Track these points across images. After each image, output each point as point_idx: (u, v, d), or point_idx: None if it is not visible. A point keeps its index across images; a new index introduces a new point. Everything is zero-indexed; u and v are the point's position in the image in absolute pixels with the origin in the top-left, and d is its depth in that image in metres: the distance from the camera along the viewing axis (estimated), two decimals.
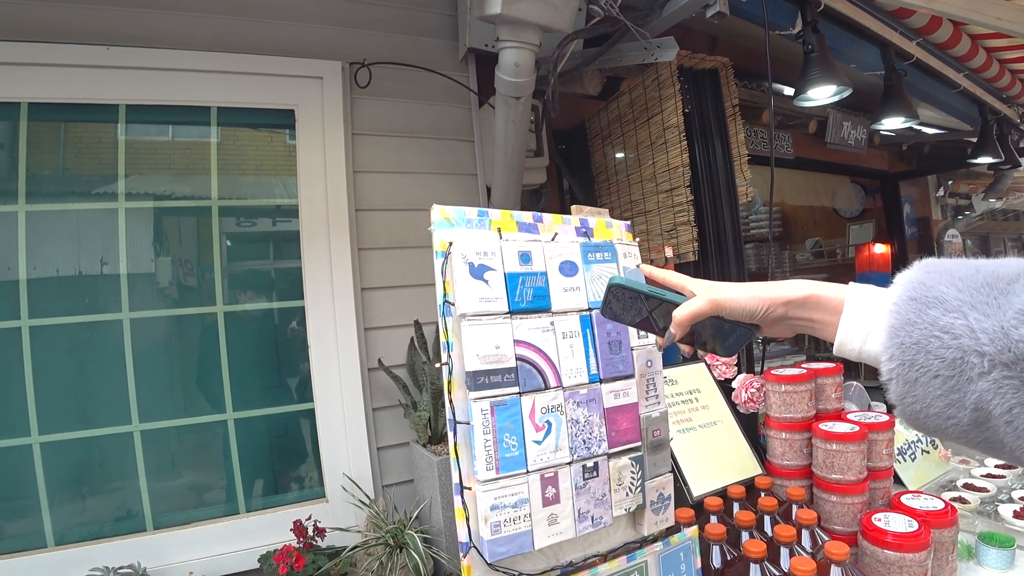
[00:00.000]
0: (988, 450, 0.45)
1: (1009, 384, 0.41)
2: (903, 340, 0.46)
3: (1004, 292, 0.43)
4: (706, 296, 0.63)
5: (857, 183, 4.40)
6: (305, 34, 1.62)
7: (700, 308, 0.63)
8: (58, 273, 1.36)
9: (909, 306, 0.46)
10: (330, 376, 1.56)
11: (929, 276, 0.47)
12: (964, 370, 0.43)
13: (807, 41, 1.71)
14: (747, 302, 0.61)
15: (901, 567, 1.02)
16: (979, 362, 0.42)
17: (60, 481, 1.32)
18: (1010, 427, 0.41)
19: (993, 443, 0.44)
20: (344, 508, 1.50)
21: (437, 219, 0.76)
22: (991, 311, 0.42)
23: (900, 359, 0.46)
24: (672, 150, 1.86)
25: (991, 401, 0.42)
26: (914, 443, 1.70)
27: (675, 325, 0.65)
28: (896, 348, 0.47)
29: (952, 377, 0.44)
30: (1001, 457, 0.45)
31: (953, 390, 0.44)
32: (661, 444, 0.87)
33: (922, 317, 0.45)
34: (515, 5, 1.21)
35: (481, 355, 0.72)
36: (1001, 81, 2.64)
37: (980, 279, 0.44)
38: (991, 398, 0.42)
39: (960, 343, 0.43)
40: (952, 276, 0.46)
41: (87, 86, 1.37)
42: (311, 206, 1.58)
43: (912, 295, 0.47)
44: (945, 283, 0.46)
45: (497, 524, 0.70)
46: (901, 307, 0.47)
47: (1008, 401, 0.41)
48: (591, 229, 0.89)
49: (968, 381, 0.43)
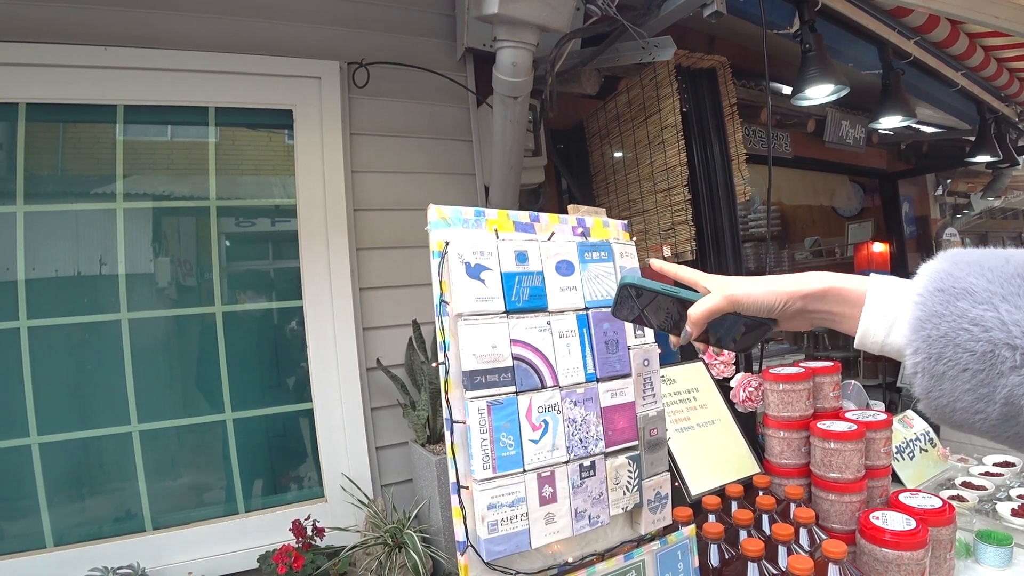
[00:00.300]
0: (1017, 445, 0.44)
1: None
2: (930, 333, 0.45)
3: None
4: (721, 292, 0.61)
5: (856, 182, 4.41)
6: (303, 34, 1.62)
7: (716, 305, 0.61)
8: (57, 273, 1.36)
9: (936, 297, 0.45)
10: (329, 376, 1.56)
11: (956, 267, 0.46)
12: (995, 364, 0.41)
13: (805, 40, 1.71)
14: (764, 296, 0.59)
15: (899, 565, 1.02)
16: (1011, 356, 0.41)
17: (59, 481, 1.32)
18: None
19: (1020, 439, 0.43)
20: (343, 508, 1.50)
21: (433, 219, 0.76)
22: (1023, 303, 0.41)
23: (927, 352, 0.45)
24: (670, 149, 1.86)
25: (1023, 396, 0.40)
26: (912, 441, 1.70)
27: (691, 323, 0.63)
28: (922, 341, 0.45)
29: (982, 371, 0.42)
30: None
31: (982, 384, 0.42)
32: (658, 443, 0.88)
33: (950, 309, 0.44)
34: (512, 5, 1.22)
35: (478, 354, 0.72)
36: (999, 80, 2.64)
37: (1011, 269, 0.43)
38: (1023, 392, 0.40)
39: (991, 336, 0.41)
40: (981, 267, 0.44)
41: (85, 87, 1.37)
42: (309, 206, 1.59)
43: (939, 286, 0.45)
44: (974, 274, 0.44)
45: (494, 523, 0.70)
46: (927, 298, 0.45)
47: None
48: (588, 228, 0.89)
49: (999, 375, 0.41)
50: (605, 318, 0.84)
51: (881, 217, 4.32)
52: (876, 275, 0.55)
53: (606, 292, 0.86)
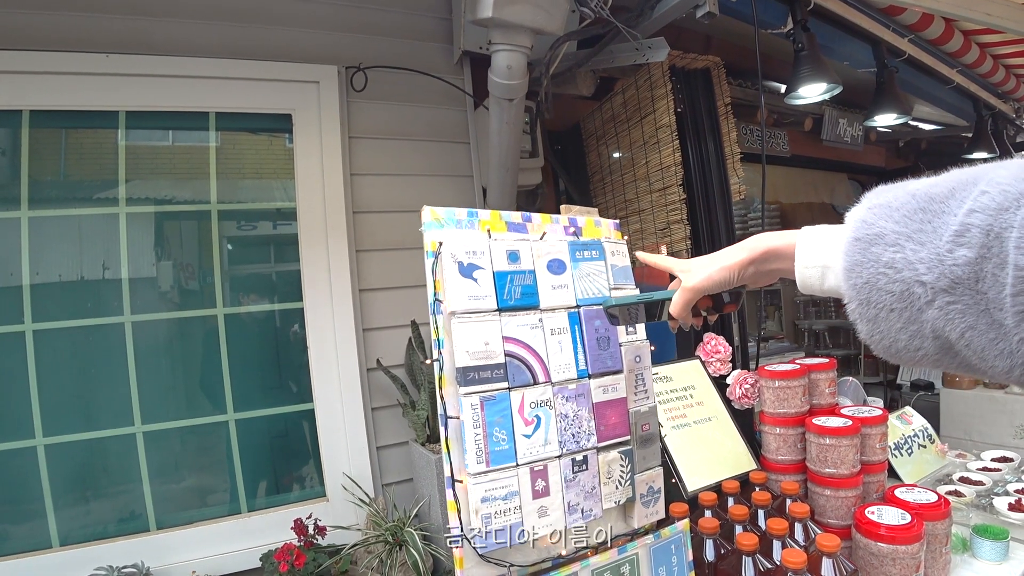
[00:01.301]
0: (968, 372, 0.45)
1: (954, 309, 0.41)
2: (855, 282, 0.47)
3: (939, 214, 0.42)
4: (686, 285, 0.69)
5: (855, 180, 4.41)
6: (301, 39, 1.64)
7: (686, 298, 0.69)
8: (61, 278, 1.39)
9: (855, 247, 0.47)
10: (329, 376, 1.58)
11: (871, 212, 0.48)
12: (912, 301, 0.43)
13: (797, 40, 1.73)
14: (719, 274, 0.66)
15: (894, 559, 1.03)
16: (922, 292, 0.42)
17: (64, 482, 1.34)
18: (969, 350, 0.41)
19: (967, 366, 0.43)
20: (344, 507, 1.52)
21: (427, 220, 0.78)
22: (926, 238, 0.42)
23: (857, 299, 0.48)
24: (664, 149, 1.88)
25: (944, 328, 0.42)
26: (911, 438, 1.71)
27: (674, 317, 0.72)
28: (851, 289, 0.48)
29: (905, 309, 0.44)
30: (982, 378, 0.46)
31: (910, 322, 0.44)
32: (650, 438, 0.89)
33: (867, 256, 0.46)
34: (506, 9, 1.23)
35: (471, 351, 0.73)
36: (995, 76, 2.65)
37: (915, 205, 0.44)
38: (943, 325, 0.42)
39: (902, 276, 0.43)
40: (890, 207, 0.46)
41: (87, 93, 1.40)
42: (309, 209, 1.61)
43: (856, 235, 0.48)
44: (884, 216, 0.46)
45: (488, 516, 0.71)
46: (848, 248, 0.48)
47: (958, 326, 0.41)
48: (580, 228, 0.91)
49: (919, 311, 0.43)
50: (597, 315, 0.86)
51: None
52: (807, 228, 0.60)
53: (598, 290, 0.87)
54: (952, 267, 0.40)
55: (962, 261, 0.39)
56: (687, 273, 0.70)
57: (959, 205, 0.41)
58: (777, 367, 1.37)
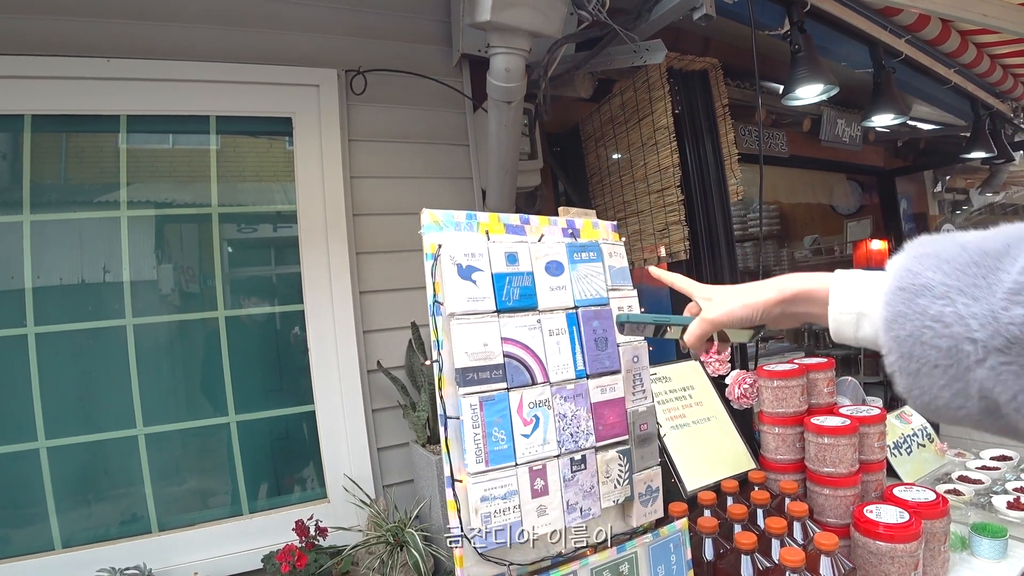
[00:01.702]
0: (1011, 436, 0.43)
1: (1007, 370, 0.38)
2: (897, 333, 0.45)
3: (993, 269, 0.40)
4: (705, 316, 0.67)
5: (853, 180, 4.42)
6: (301, 43, 1.65)
7: (703, 330, 0.68)
8: (62, 281, 1.39)
9: (898, 296, 0.45)
10: (330, 378, 1.59)
11: (916, 261, 0.46)
12: (960, 359, 0.41)
13: (793, 41, 1.73)
14: (742, 312, 0.64)
15: (892, 558, 1.04)
16: (973, 349, 0.40)
17: (67, 484, 1.34)
18: (1019, 414, 0.39)
19: (1011, 430, 0.41)
20: (345, 508, 1.52)
21: (427, 222, 0.79)
22: (980, 293, 0.40)
23: (898, 352, 0.45)
24: (662, 151, 1.89)
25: (993, 389, 0.39)
26: (910, 437, 1.71)
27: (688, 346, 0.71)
28: (893, 342, 0.45)
29: (951, 366, 0.41)
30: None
31: (956, 379, 0.42)
32: (648, 438, 0.89)
33: (912, 307, 0.44)
34: (504, 12, 1.24)
35: (470, 352, 0.74)
36: (992, 76, 2.65)
37: (966, 258, 0.42)
38: (992, 386, 0.39)
39: (951, 331, 0.41)
40: (938, 258, 0.44)
41: (88, 98, 1.41)
42: (309, 211, 1.61)
43: (900, 284, 0.45)
44: (931, 267, 0.44)
45: (487, 515, 0.72)
46: (891, 298, 0.46)
47: (1011, 388, 0.38)
48: (578, 230, 0.91)
49: (967, 370, 0.40)
50: (595, 316, 0.86)
51: (879, 215, 4.32)
52: (840, 272, 0.57)
53: (595, 291, 0.88)
54: (1008, 325, 0.38)
55: (1019, 320, 0.37)
56: (708, 302, 0.68)
57: (1012, 262, 0.39)
58: (775, 367, 1.38)
